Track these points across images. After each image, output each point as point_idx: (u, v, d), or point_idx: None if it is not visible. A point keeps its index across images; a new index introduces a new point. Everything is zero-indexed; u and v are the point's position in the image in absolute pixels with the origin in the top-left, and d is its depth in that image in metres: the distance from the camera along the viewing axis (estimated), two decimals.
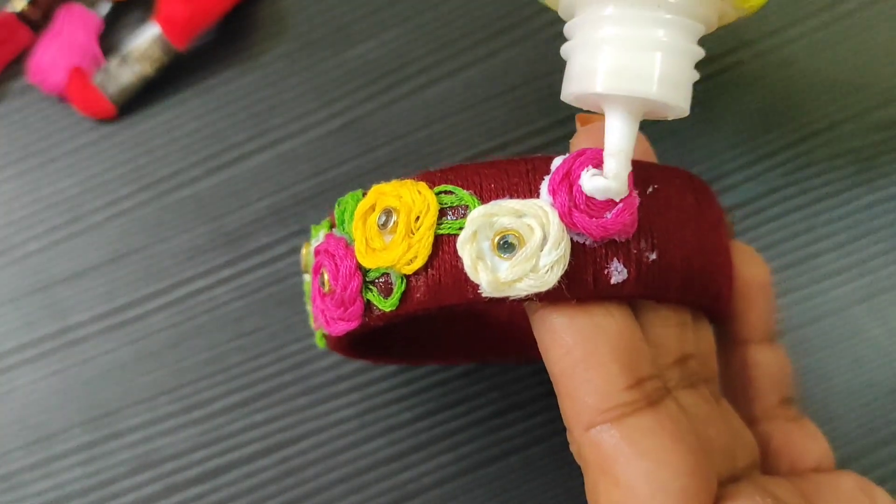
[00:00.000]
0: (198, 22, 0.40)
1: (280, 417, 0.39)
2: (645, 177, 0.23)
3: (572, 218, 0.22)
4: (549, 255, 0.22)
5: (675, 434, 0.22)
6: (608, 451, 0.22)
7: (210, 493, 0.38)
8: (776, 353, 0.29)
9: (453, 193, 0.23)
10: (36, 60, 0.42)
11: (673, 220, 0.24)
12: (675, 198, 0.24)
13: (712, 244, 0.25)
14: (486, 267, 0.22)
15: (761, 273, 0.29)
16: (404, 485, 0.38)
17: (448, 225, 0.23)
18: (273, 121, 0.41)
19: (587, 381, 0.22)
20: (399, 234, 0.23)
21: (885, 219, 0.39)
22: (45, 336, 0.40)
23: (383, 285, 0.24)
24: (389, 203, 0.24)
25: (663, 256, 0.23)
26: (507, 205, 0.22)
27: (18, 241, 0.41)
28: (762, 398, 0.29)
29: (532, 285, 0.22)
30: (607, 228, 0.22)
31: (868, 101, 0.40)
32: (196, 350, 0.39)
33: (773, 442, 0.28)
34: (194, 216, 0.41)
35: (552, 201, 0.22)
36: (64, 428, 0.39)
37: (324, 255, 0.25)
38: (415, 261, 0.23)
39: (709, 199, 0.26)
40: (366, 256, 0.24)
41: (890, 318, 0.38)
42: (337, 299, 0.25)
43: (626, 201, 0.22)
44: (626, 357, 0.23)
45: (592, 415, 0.22)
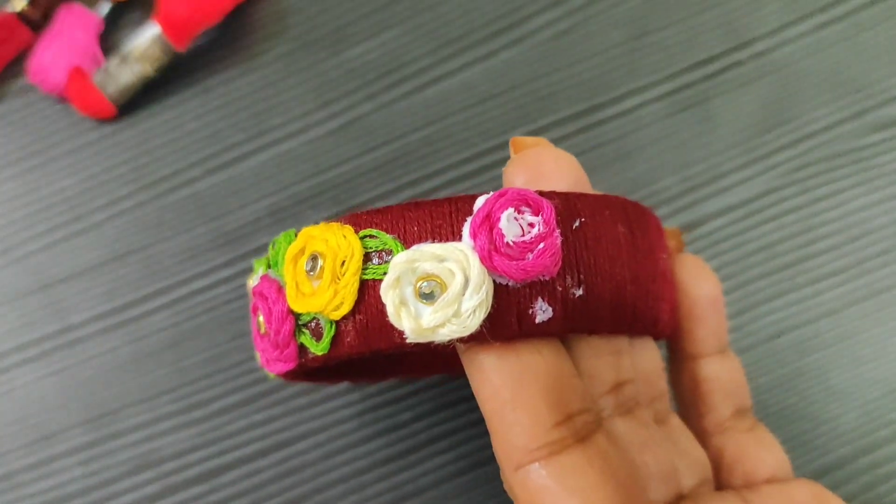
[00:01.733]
0: (198, 22, 0.40)
1: (279, 417, 0.39)
2: (571, 210, 0.23)
3: (492, 261, 0.22)
4: (471, 299, 0.22)
5: (603, 470, 0.22)
6: (536, 491, 0.22)
7: (209, 493, 0.38)
8: (728, 364, 0.29)
9: (377, 237, 0.23)
10: (36, 60, 0.42)
11: (601, 253, 0.23)
12: (604, 230, 0.24)
13: (646, 272, 0.25)
14: (409, 313, 0.22)
15: (709, 287, 0.29)
16: (403, 485, 0.38)
17: (373, 270, 0.23)
18: (272, 121, 0.42)
19: (515, 421, 0.22)
20: (325, 280, 0.23)
21: (883, 219, 0.39)
22: (45, 336, 0.40)
23: (315, 329, 0.24)
24: (316, 247, 0.24)
25: (591, 291, 0.23)
26: (428, 250, 0.22)
27: (18, 240, 0.41)
28: (714, 412, 0.29)
29: (455, 331, 0.22)
30: (527, 271, 0.22)
31: (867, 101, 0.40)
32: (196, 350, 0.40)
33: (726, 455, 0.28)
34: (194, 216, 0.41)
35: (473, 244, 0.22)
36: (64, 428, 0.39)
37: (259, 298, 0.25)
38: (341, 307, 0.23)
39: (644, 226, 0.25)
40: (296, 301, 0.24)
41: (888, 319, 0.38)
42: (272, 341, 0.25)
43: (547, 242, 0.22)
44: (555, 394, 0.22)
45: (521, 454, 0.22)
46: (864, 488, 0.37)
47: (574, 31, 0.41)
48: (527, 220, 0.22)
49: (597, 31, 0.41)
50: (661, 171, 0.40)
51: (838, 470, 0.37)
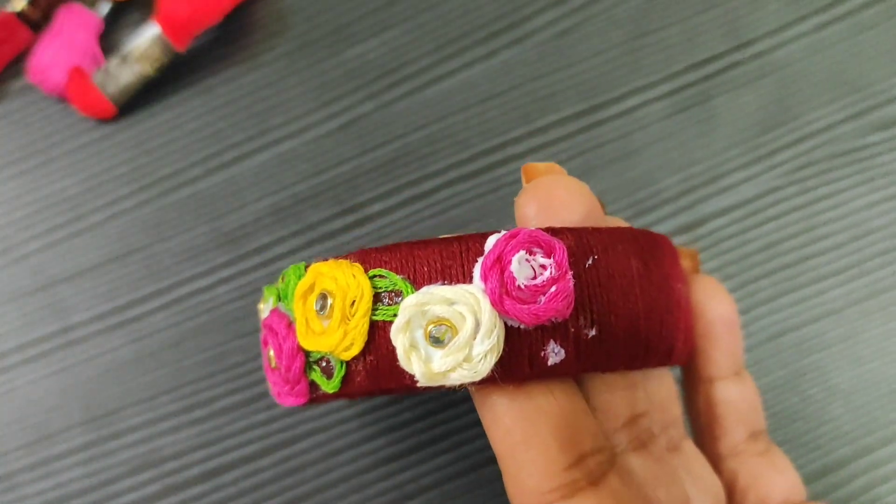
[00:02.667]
0: (198, 22, 0.40)
1: (280, 417, 0.39)
2: (584, 248, 0.23)
3: (504, 305, 0.21)
4: (482, 343, 0.21)
5: None
6: None
7: (210, 493, 0.38)
8: (742, 386, 0.29)
9: (386, 278, 0.23)
10: (36, 60, 0.42)
11: (615, 289, 0.23)
12: (616, 266, 0.23)
13: (661, 304, 0.24)
14: (419, 357, 0.22)
15: (725, 309, 0.28)
16: (404, 485, 0.38)
17: (383, 311, 0.22)
18: (273, 121, 0.41)
19: (528, 463, 0.22)
20: (335, 320, 0.23)
21: (884, 219, 0.39)
22: (45, 335, 0.40)
23: (325, 367, 0.24)
24: (326, 286, 0.23)
25: (604, 330, 0.23)
26: (438, 293, 0.22)
27: (19, 240, 0.41)
28: (728, 436, 0.29)
29: (466, 375, 0.22)
30: (539, 316, 0.21)
31: (867, 100, 0.40)
32: (196, 350, 0.40)
33: (739, 479, 0.28)
34: (194, 216, 0.41)
35: (484, 287, 0.22)
36: (64, 427, 0.39)
37: (269, 332, 0.25)
38: (352, 347, 0.23)
39: (658, 256, 0.25)
40: (306, 339, 0.24)
41: (889, 319, 0.38)
42: (283, 377, 0.25)
43: (560, 285, 0.22)
44: (567, 435, 0.22)
45: (533, 497, 0.22)
46: (864, 488, 0.37)
47: (574, 30, 0.41)
48: (538, 262, 0.22)
49: (597, 30, 0.41)
50: (661, 170, 0.40)
51: (839, 470, 0.37)
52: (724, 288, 0.29)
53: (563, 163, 0.40)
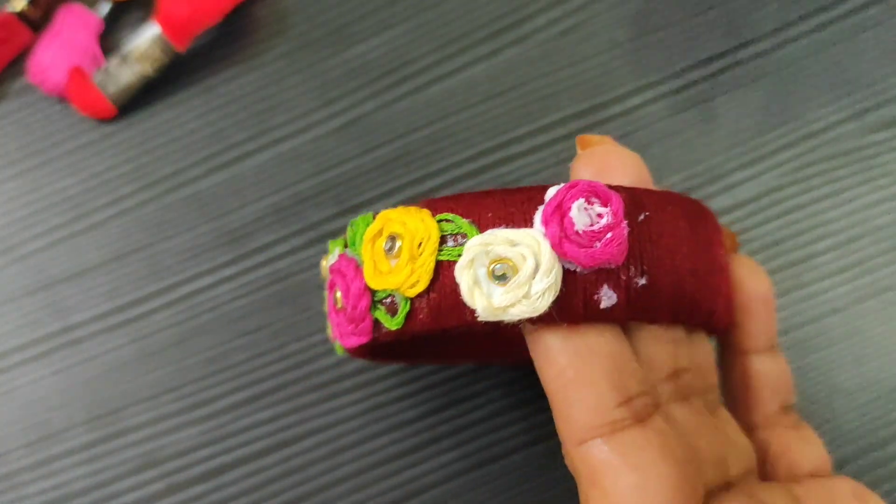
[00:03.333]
0: (198, 22, 0.40)
1: (283, 416, 0.39)
2: (637, 205, 0.24)
3: (563, 247, 0.23)
4: (541, 282, 0.23)
5: (662, 449, 0.23)
6: (598, 465, 0.23)
7: (213, 492, 0.38)
8: (776, 361, 0.30)
9: (453, 222, 0.24)
10: (36, 60, 0.42)
11: (664, 245, 0.25)
12: (667, 224, 0.25)
13: (705, 266, 0.26)
14: (481, 293, 0.23)
15: (762, 286, 0.30)
16: (407, 483, 0.38)
17: (448, 252, 0.24)
18: (274, 120, 0.41)
19: (579, 400, 0.23)
20: (403, 259, 0.24)
21: (885, 218, 0.39)
22: (46, 335, 0.40)
23: (390, 305, 0.25)
24: (395, 229, 0.25)
25: (653, 281, 0.24)
26: (502, 234, 0.23)
27: (20, 240, 0.41)
28: (762, 406, 0.30)
29: (524, 311, 0.23)
30: (596, 258, 0.23)
31: (868, 100, 0.40)
32: (198, 349, 0.39)
33: (771, 449, 0.29)
34: (196, 215, 0.41)
35: (545, 231, 0.23)
36: (66, 427, 0.39)
37: (337, 275, 0.27)
38: (417, 284, 0.24)
39: (704, 221, 0.26)
40: (373, 278, 0.25)
41: (890, 318, 0.38)
42: (348, 316, 0.26)
43: (616, 232, 0.23)
44: (617, 376, 0.24)
45: (584, 431, 0.23)
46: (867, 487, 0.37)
47: (576, 30, 0.41)
48: (596, 211, 0.23)
49: (599, 30, 0.41)
50: (663, 169, 0.40)
51: (841, 468, 0.37)
52: (762, 267, 0.30)
53: (564, 162, 0.40)
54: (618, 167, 0.27)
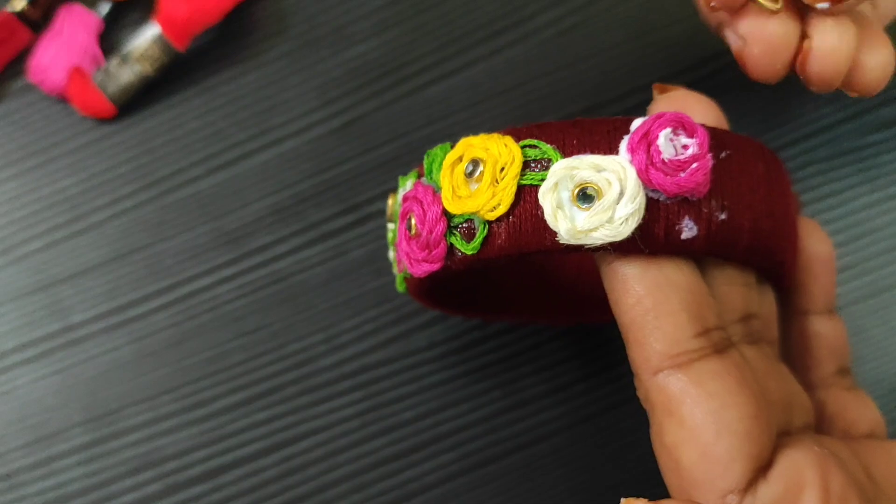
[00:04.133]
0: (198, 22, 0.40)
1: (281, 416, 0.39)
2: (719, 142, 0.25)
3: (649, 175, 0.23)
4: (625, 207, 0.23)
5: (740, 379, 0.24)
6: (675, 394, 0.24)
7: (211, 493, 0.38)
8: (835, 324, 0.30)
9: (537, 147, 0.24)
10: (36, 60, 0.42)
11: (744, 184, 0.25)
12: (746, 164, 0.25)
13: (780, 211, 0.26)
14: (565, 216, 0.23)
15: (825, 248, 0.30)
16: (405, 484, 0.38)
17: (531, 176, 0.24)
18: (274, 120, 0.41)
19: (657, 329, 0.24)
20: (485, 183, 0.24)
21: (885, 218, 0.39)
22: (46, 335, 0.40)
23: (466, 230, 0.25)
24: (477, 154, 0.25)
25: (732, 217, 0.24)
26: (587, 159, 0.24)
27: (19, 240, 0.41)
28: (820, 367, 0.30)
29: (607, 235, 0.23)
30: (681, 186, 0.23)
31: (868, 101, 0.40)
32: (197, 349, 0.39)
33: (828, 408, 0.29)
34: (195, 215, 0.41)
35: (630, 158, 0.23)
36: (64, 427, 0.39)
37: (412, 202, 0.27)
38: (498, 208, 0.24)
39: (778, 170, 0.27)
40: (452, 203, 0.25)
41: (890, 318, 0.38)
42: (423, 242, 0.26)
43: (701, 162, 0.23)
44: (695, 308, 0.24)
45: (661, 360, 0.24)
46: None
47: (576, 29, 0.41)
48: (681, 142, 0.24)
49: (598, 29, 0.41)
50: None
51: None
52: (824, 230, 0.30)
53: None
54: (698, 109, 0.27)
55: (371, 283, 0.40)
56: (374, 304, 0.39)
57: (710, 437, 0.23)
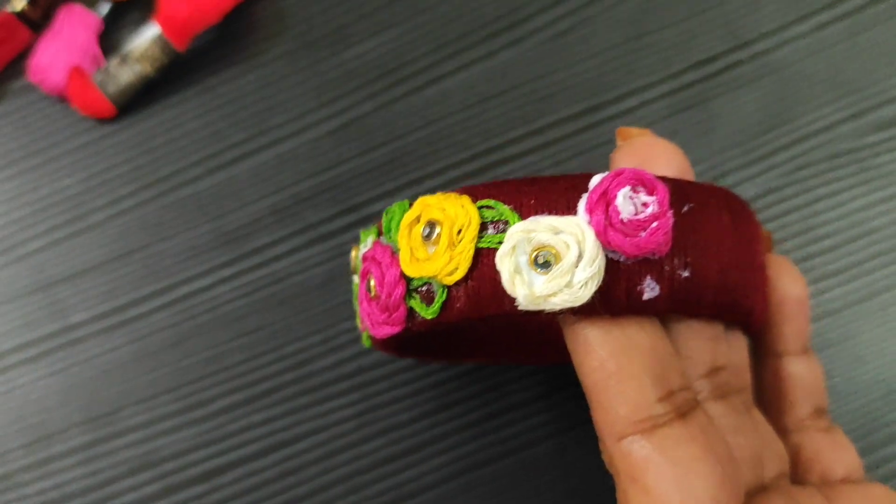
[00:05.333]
0: (198, 22, 0.40)
1: (280, 417, 0.39)
2: (681, 195, 0.24)
3: (607, 236, 0.23)
4: (584, 271, 0.22)
5: (705, 444, 0.23)
6: (639, 461, 0.23)
7: (210, 493, 0.38)
8: (810, 364, 0.30)
9: (494, 208, 0.24)
10: (36, 60, 0.42)
11: (708, 238, 0.24)
12: (710, 216, 0.25)
13: (747, 261, 0.26)
14: (522, 281, 0.23)
15: (798, 288, 0.29)
16: (403, 485, 0.38)
17: (488, 239, 0.23)
18: (273, 120, 0.42)
19: (620, 394, 0.23)
20: (442, 246, 0.24)
21: (883, 219, 0.39)
22: (45, 335, 0.40)
23: (426, 294, 0.25)
24: (434, 215, 0.24)
25: (696, 274, 0.24)
26: (545, 221, 0.23)
27: (19, 240, 0.41)
28: (794, 409, 0.29)
29: (566, 300, 0.23)
30: (641, 247, 0.23)
31: (867, 101, 0.40)
32: (196, 349, 0.40)
33: (803, 452, 0.29)
34: (195, 215, 0.41)
35: (589, 219, 0.23)
36: (64, 427, 0.39)
37: (371, 262, 0.26)
38: (456, 272, 0.24)
39: (745, 218, 0.26)
40: (410, 266, 0.25)
41: (889, 318, 0.38)
42: (382, 305, 0.26)
43: (661, 221, 0.23)
44: (658, 370, 0.23)
45: (624, 426, 0.23)
46: None
47: (573, 31, 0.41)
48: (641, 200, 0.23)
49: (596, 31, 0.41)
50: None
51: None
52: (797, 268, 0.30)
53: (562, 163, 0.40)
54: (660, 158, 0.26)
55: None
56: None
57: None
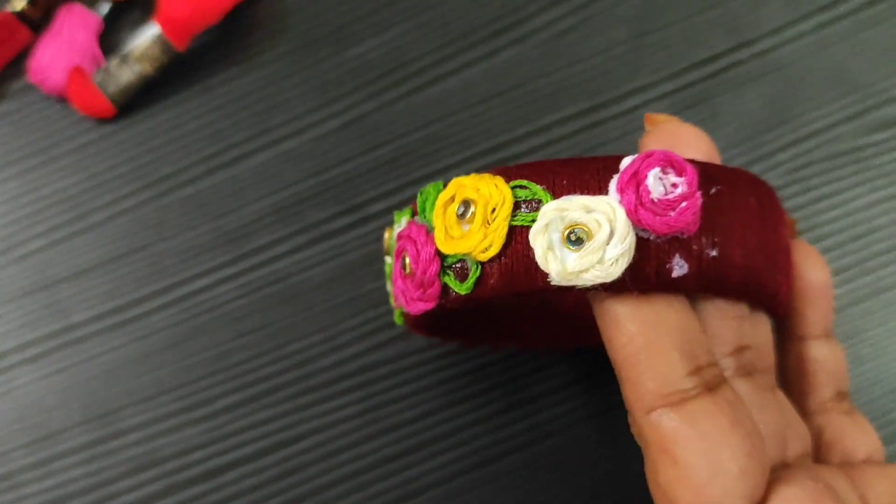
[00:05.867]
0: (198, 22, 0.40)
1: (281, 416, 0.39)
2: (709, 178, 0.25)
3: (638, 215, 0.23)
4: (615, 248, 0.23)
5: (732, 418, 0.24)
6: (668, 433, 0.23)
7: (211, 493, 0.38)
8: (832, 348, 0.30)
9: (527, 188, 0.24)
10: (36, 60, 0.42)
11: (735, 219, 0.25)
12: (737, 199, 0.25)
13: (772, 244, 0.26)
14: (555, 257, 0.23)
15: (822, 274, 0.30)
16: (405, 484, 0.38)
17: (522, 217, 0.24)
18: (274, 120, 0.42)
19: (649, 368, 0.24)
20: (476, 224, 0.25)
21: (884, 219, 0.39)
22: (46, 335, 0.40)
23: (459, 270, 0.25)
24: (468, 195, 0.25)
25: (724, 254, 0.24)
26: (577, 200, 0.24)
27: (20, 240, 0.41)
28: (817, 392, 0.30)
29: (598, 276, 0.23)
30: (671, 225, 0.23)
31: (868, 100, 0.40)
32: (197, 349, 0.40)
33: (825, 434, 0.29)
34: (195, 215, 0.41)
35: (620, 198, 0.23)
36: (65, 427, 0.39)
37: (406, 241, 0.27)
38: (490, 249, 0.24)
39: (771, 202, 0.27)
40: (445, 243, 0.25)
41: (890, 318, 0.38)
42: (417, 281, 0.26)
43: (690, 201, 0.23)
44: (686, 346, 0.24)
45: (654, 399, 0.24)
46: None
47: (575, 29, 0.41)
48: (671, 181, 0.24)
49: (598, 29, 0.41)
50: None
51: None
52: (820, 255, 0.30)
53: None
54: (688, 143, 0.27)
55: (370, 284, 0.40)
56: (373, 304, 0.39)
57: (704, 478, 0.23)
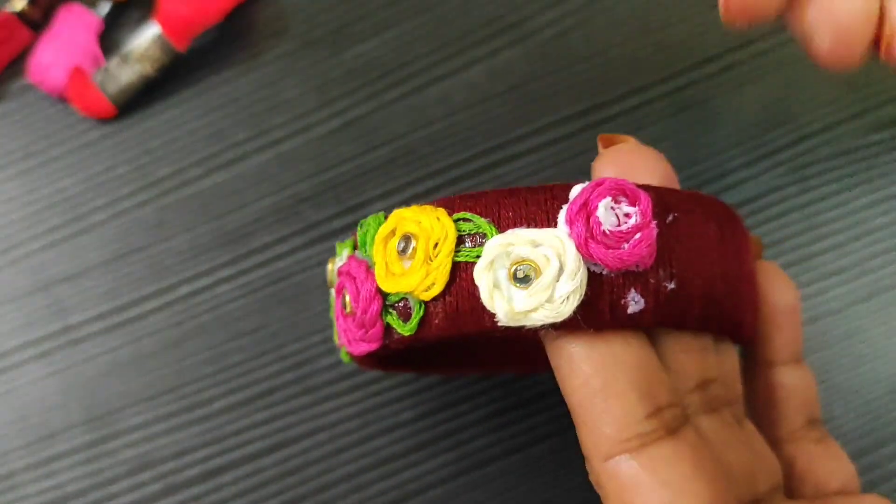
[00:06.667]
0: (198, 22, 0.40)
1: (281, 416, 0.39)
2: (665, 205, 0.23)
3: (588, 248, 0.22)
4: (565, 285, 0.22)
5: (694, 463, 0.22)
6: (627, 482, 0.22)
7: (211, 493, 0.38)
8: (802, 373, 0.29)
9: (471, 221, 0.23)
10: (36, 60, 0.42)
11: (693, 249, 0.23)
12: (696, 226, 0.24)
13: (734, 272, 0.25)
14: (502, 296, 0.22)
15: (789, 296, 0.29)
16: (405, 484, 0.38)
17: (466, 252, 0.23)
18: (273, 120, 0.42)
19: (605, 412, 0.22)
20: (418, 261, 0.23)
21: (884, 218, 0.39)
22: (46, 335, 0.40)
23: (402, 310, 0.24)
24: (409, 229, 0.24)
25: (682, 286, 0.23)
26: (523, 234, 0.22)
27: (19, 240, 0.41)
28: (787, 420, 0.29)
29: (548, 315, 0.22)
30: (624, 259, 0.22)
31: (869, 100, 0.40)
32: (197, 349, 0.40)
33: (797, 464, 0.28)
34: (195, 215, 0.41)
35: (569, 231, 0.22)
36: (64, 427, 0.39)
37: (346, 277, 0.26)
38: (433, 287, 0.23)
39: (733, 226, 0.25)
40: (385, 281, 0.24)
41: (890, 318, 0.38)
42: (358, 321, 0.25)
43: (644, 232, 0.22)
44: (645, 386, 0.22)
45: (611, 445, 0.22)
46: (865, 488, 0.37)
47: (575, 30, 0.41)
48: (623, 211, 0.22)
49: (598, 30, 0.41)
50: None
51: None
52: (787, 276, 0.29)
53: (563, 162, 0.40)
54: (643, 166, 0.25)
55: None
56: None
57: None
